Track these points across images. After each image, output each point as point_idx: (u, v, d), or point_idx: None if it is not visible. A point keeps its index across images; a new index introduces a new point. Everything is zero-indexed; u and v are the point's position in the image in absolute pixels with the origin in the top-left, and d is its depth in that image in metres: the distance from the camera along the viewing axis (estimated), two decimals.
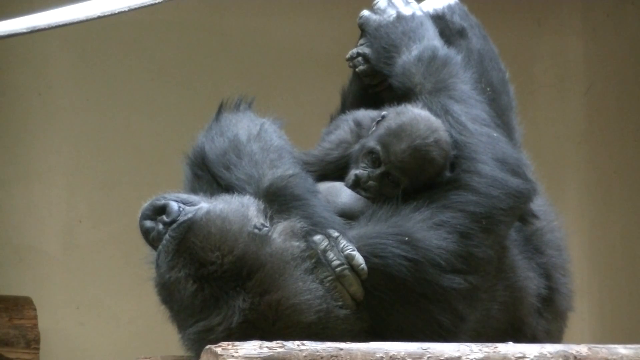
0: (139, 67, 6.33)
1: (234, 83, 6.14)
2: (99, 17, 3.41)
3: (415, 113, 3.43)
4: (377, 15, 3.70)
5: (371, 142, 3.42)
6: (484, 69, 3.68)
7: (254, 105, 3.59)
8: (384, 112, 3.48)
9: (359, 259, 3.20)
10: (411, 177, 3.38)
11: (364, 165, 3.42)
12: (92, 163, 6.26)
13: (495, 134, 3.46)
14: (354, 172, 3.42)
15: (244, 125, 3.48)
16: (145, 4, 3.46)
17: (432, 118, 3.43)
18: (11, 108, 6.21)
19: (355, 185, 3.41)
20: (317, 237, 3.23)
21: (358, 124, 3.58)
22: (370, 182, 3.39)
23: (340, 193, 3.42)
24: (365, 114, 3.61)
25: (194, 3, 6.26)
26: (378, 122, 3.47)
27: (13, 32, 3.31)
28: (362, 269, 3.20)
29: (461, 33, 3.72)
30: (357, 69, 3.71)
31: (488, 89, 3.64)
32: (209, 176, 3.43)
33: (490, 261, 3.34)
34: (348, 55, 3.73)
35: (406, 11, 3.68)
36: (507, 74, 3.76)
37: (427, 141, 3.37)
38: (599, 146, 6.76)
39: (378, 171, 3.39)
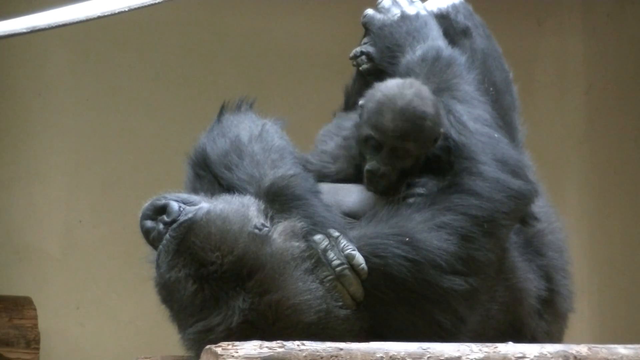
0: (139, 67, 6.33)
1: (234, 83, 6.15)
2: (99, 17, 3.41)
3: (386, 85, 3.44)
4: (381, 14, 3.70)
5: (363, 131, 3.42)
6: (488, 69, 3.68)
7: (256, 106, 3.59)
8: (360, 102, 3.48)
9: (359, 258, 3.20)
10: (414, 140, 3.37)
11: (370, 155, 3.41)
12: (92, 163, 6.27)
13: (496, 135, 3.45)
14: (365, 168, 3.42)
15: (246, 126, 3.49)
16: (145, 4, 3.46)
17: (402, 79, 3.45)
18: (11, 108, 6.21)
19: (372, 180, 3.39)
20: (318, 237, 3.23)
21: (346, 137, 3.57)
22: (383, 169, 3.39)
23: (348, 193, 3.41)
24: (345, 123, 3.60)
25: (194, 3, 6.26)
26: (360, 114, 3.47)
27: (13, 32, 3.32)
28: (362, 268, 3.20)
29: (465, 32, 3.72)
30: (360, 68, 3.71)
31: (491, 89, 3.63)
32: (210, 176, 3.44)
33: (490, 264, 3.34)
34: (352, 54, 3.73)
35: (410, 10, 3.67)
36: (511, 74, 3.76)
37: (408, 98, 3.37)
38: (599, 146, 6.76)
39: (383, 153, 3.39)
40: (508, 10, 6.67)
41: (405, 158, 3.39)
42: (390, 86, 3.43)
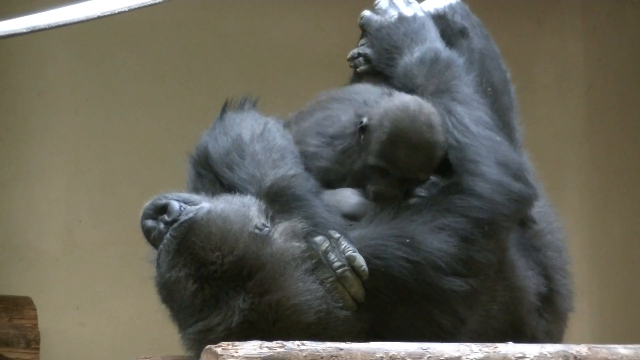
0: (139, 67, 6.33)
1: (234, 83, 6.15)
2: (99, 17, 3.41)
3: (395, 112, 3.38)
4: (379, 15, 3.69)
5: (372, 160, 3.38)
6: (485, 69, 3.67)
7: (258, 105, 3.59)
8: (364, 120, 3.42)
9: (360, 260, 3.19)
10: (425, 168, 3.37)
11: (375, 179, 3.39)
12: (92, 163, 6.27)
13: (498, 138, 3.45)
14: (371, 189, 3.39)
15: (248, 125, 3.48)
16: (145, 4, 3.46)
17: (410, 103, 3.38)
18: (11, 108, 6.21)
19: (377, 200, 3.38)
20: (319, 238, 3.22)
21: (344, 151, 3.52)
22: (391, 191, 3.37)
23: (349, 196, 3.41)
24: (328, 129, 3.56)
25: (194, 3, 6.26)
26: (363, 129, 3.41)
27: (13, 32, 3.32)
28: (363, 270, 3.20)
29: (462, 33, 3.71)
30: (358, 69, 3.70)
31: (489, 89, 3.63)
32: (211, 175, 3.44)
33: (491, 265, 3.33)
34: (349, 55, 3.72)
35: (407, 12, 3.67)
36: (509, 74, 3.75)
37: (421, 131, 3.34)
38: (599, 146, 6.76)
39: (392, 179, 3.37)
40: (508, 10, 6.67)
41: (414, 183, 3.39)
42: (400, 115, 3.36)
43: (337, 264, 3.19)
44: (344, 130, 3.50)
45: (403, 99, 3.41)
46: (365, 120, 3.42)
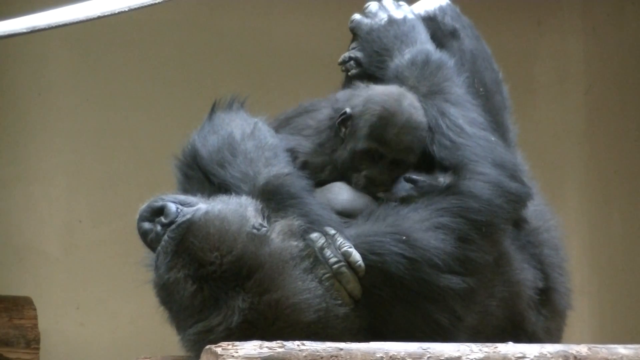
0: (138, 67, 6.33)
1: (234, 83, 6.14)
2: (99, 17, 3.41)
3: (380, 96, 3.44)
4: (369, 19, 3.69)
5: (362, 144, 3.42)
6: (477, 70, 3.68)
7: (247, 104, 3.59)
8: (347, 110, 3.46)
9: (356, 255, 3.20)
10: (415, 151, 3.41)
11: (366, 165, 3.41)
12: (92, 163, 6.26)
13: (493, 138, 3.46)
14: (362, 174, 3.41)
15: (238, 124, 3.49)
16: (145, 4, 3.47)
17: (391, 89, 3.46)
18: (11, 108, 6.21)
19: (369, 188, 3.40)
20: (314, 235, 3.23)
21: (322, 144, 3.54)
22: (383, 176, 3.39)
23: (340, 192, 3.41)
24: (303, 131, 3.58)
25: (194, 3, 6.26)
26: (345, 120, 3.45)
27: (13, 32, 3.32)
28: (359, 265, 3.20)
29: (453, 34, 3.72)
30: (349, 73, 3.70)
31: (481, 89, 3.64)
32: (199, 175, 3.43)
33: (487, 265, 3.34)
34: (340, 60, 3.72)
35: (397, 15, 3.67)
36: (501, 74, 3.75)
37: (409, 111, 3.40)
38: (599, 146, 6.76)
39: (383, 163, 3.39)
40: (508, 10, 6.66)
41: (404, 167, 3.41)
42: (386, 98, 3.43)
43: (333, 259, 3.20)
44: (318, 128, 3.54)
45: (384, 86, 3.47)
46: (348, 110, 3.46)
